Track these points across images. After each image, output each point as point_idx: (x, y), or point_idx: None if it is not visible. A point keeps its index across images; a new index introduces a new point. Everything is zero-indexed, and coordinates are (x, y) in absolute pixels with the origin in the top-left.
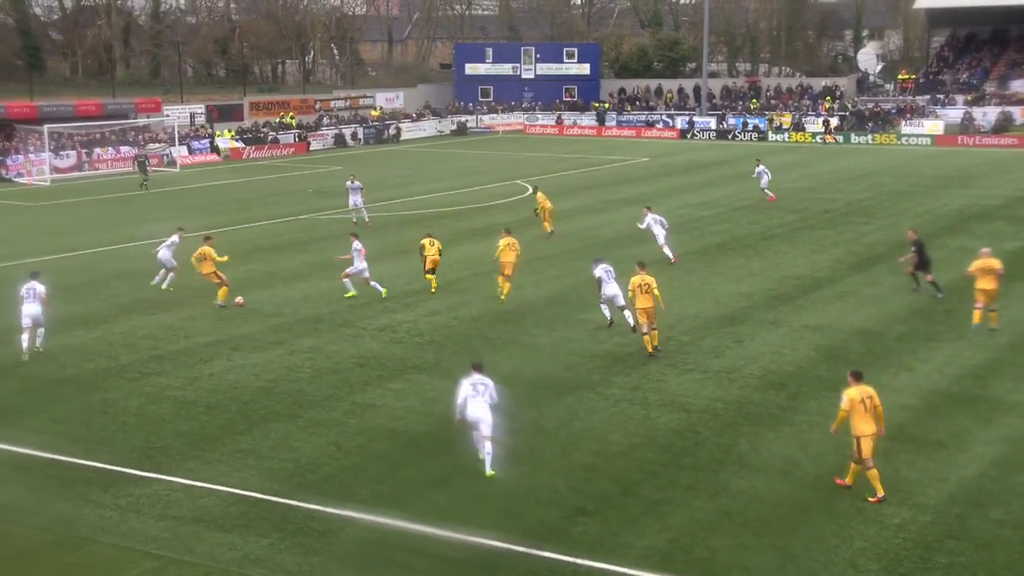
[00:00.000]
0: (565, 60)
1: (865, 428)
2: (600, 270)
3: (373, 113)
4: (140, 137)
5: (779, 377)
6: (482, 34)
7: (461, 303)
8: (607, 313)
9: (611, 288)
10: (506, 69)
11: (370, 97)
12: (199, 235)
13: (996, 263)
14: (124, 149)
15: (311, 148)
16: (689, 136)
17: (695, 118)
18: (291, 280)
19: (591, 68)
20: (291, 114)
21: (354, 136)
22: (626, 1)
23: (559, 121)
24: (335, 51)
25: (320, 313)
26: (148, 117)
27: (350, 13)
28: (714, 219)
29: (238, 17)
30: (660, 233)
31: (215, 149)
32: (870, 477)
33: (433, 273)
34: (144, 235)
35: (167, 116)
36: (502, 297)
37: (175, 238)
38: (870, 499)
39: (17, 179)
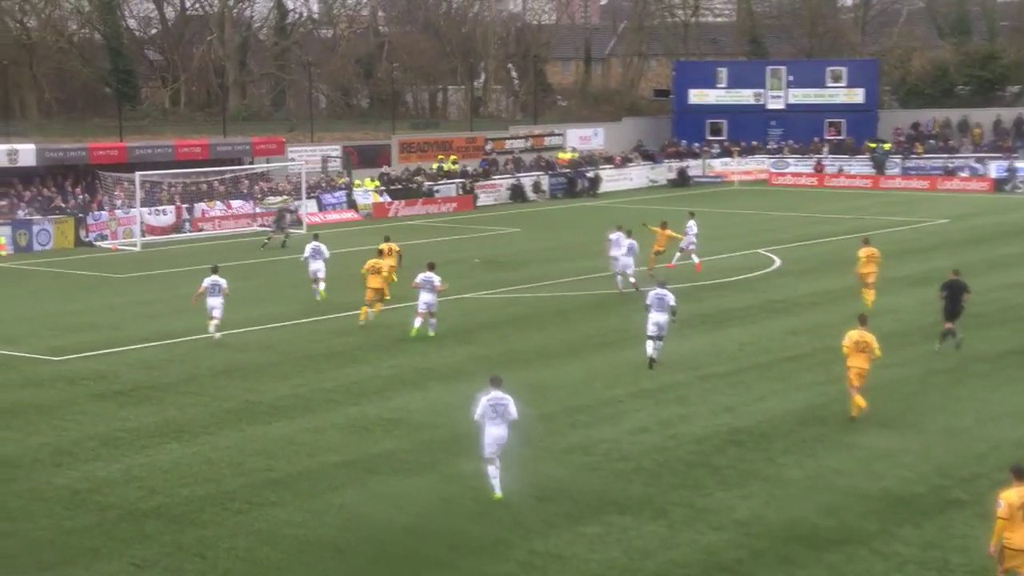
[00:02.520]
0: (829, 83)
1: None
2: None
3: (563, 156)
4: (257, 188)
5: None
6: (712, 49)
7: (680, 417)
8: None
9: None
10: (745, 96)
11: (559, 135)
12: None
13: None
14: (236, 204)
15: (479, 203)
16: (1008, 188)
17: (1017, 163)
18: (449, 379)
19: (866, 94)
20: (453, 158)
21: (537, 187)
22: (918, 1)
23: (819, 168)
24: (514, 74)
25: None
26: (268, 161)
27: (535, 23)
28: None
29: (386, 29)
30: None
31: (353, 204)
32: None
33: (380, 300)
34: (265, 317)
35: (292, 161)
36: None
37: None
38: None
39: (99, 243)
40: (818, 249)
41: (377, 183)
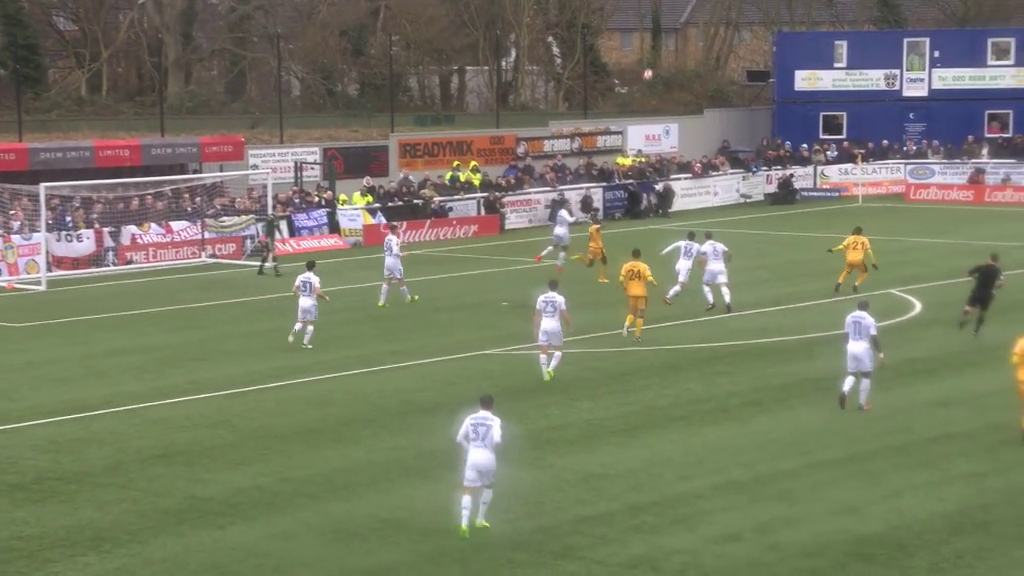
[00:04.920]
0: (991, 61)
1: None
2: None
3: (623, 162)
4: (205, 204)
5: None
6: (828, 16)
7: (784, 520)
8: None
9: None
10: (873, 80)
11: (617, 133)
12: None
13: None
14: (179, 227)
15: (507, 225)
16: None
17: None
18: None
19: None
20: (473, 164)
21: (587, 204)
22: None
23: (976, 178)
24: (555, 50)
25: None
26: (221, 169)
27: None
28: None
29: None
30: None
31: (336, 227)
32: None
33: None
34: (216, 381)
35: (255, 168)
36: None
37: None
38: None
39: None
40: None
41: (369, 198)
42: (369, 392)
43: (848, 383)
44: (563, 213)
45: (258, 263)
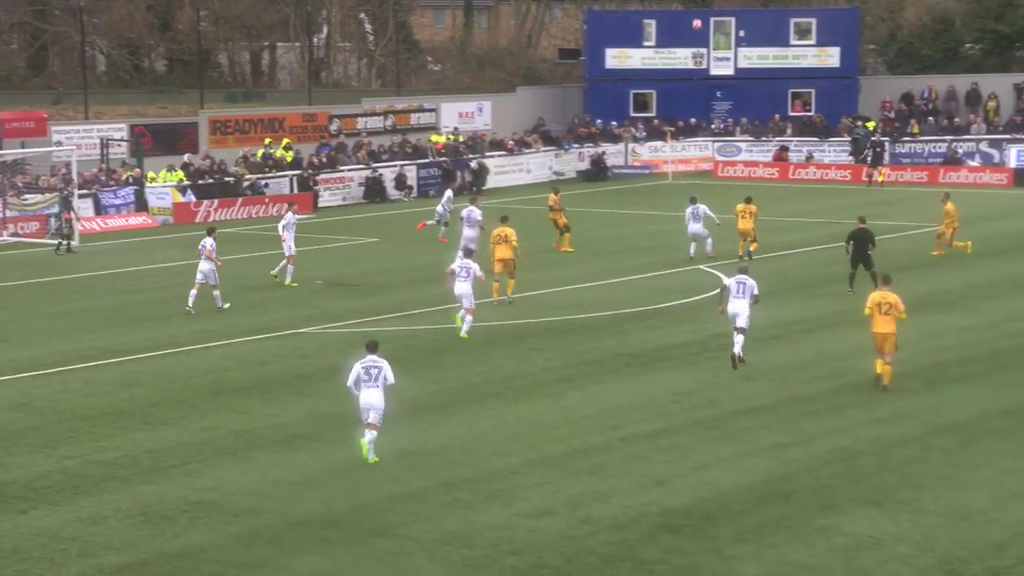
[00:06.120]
0: (793, 41)
1: None
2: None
3: (437, 140)
4: (6, 182)
5: None
6: None
7: (596, 494)
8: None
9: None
10: (681, 58)
11: (430, 110)
12: None
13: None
14: None
15: (320, 203)
16: None
17: None
18: (280, 445)
19: (843, 55)
20: (286, 141)
21: (401, 182)
22: None
23: (781, 155)
24: (367, 27)
25: None
26: (23, 146)
27: None
28: None
29: None
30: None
31: (145, 205)
32: None
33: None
34: (19, 363)
35: (58, 145)
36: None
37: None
38: None
39: None
40: (780, 265)
41: (179, 176)
42: (179, 372)
43: (738, 343)
44: (449, 193)
45: (57, 241)
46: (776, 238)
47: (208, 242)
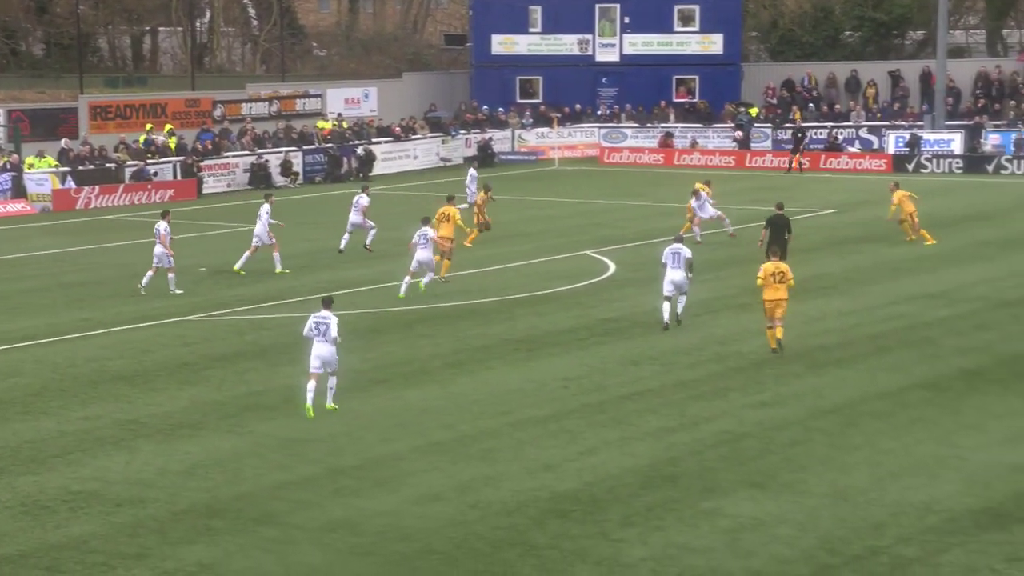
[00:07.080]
0: (677, 27)
1: None
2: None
3: (322, 126)
4: None
5: None
6: None
7: (484, 479)
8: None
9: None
10: (567, 45)
11: (316, 96)
12: None
13: None
14: None
15: (204, 189)
16: (911, 167)
17: (922, 133)
18: (164, 435)
19: (726, 42)
20: (168, 127)
21: (286, 168)
22: None
23: (666, 141)
24: (251, 11)
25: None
26: None
27: None
28: (957, 324)
29: None
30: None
31: (23, 191)
32: None
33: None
34: None
35: None
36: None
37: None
38: None
39: None
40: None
41: (50, 162)
42: (59, 361)
43: (666, 311)
44: (472, 172)
45: None
46: (661, 223)
47: (162, 226)
